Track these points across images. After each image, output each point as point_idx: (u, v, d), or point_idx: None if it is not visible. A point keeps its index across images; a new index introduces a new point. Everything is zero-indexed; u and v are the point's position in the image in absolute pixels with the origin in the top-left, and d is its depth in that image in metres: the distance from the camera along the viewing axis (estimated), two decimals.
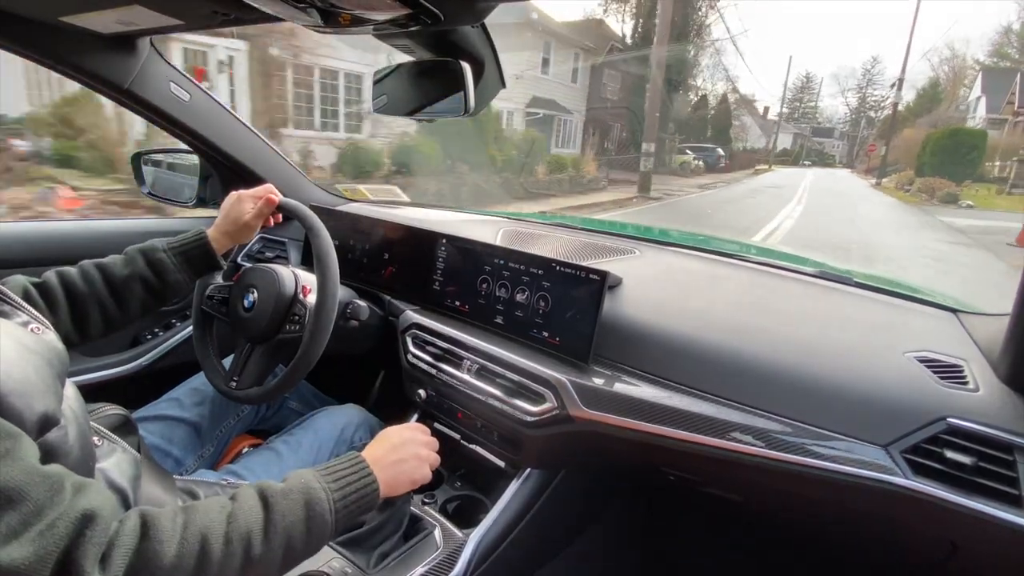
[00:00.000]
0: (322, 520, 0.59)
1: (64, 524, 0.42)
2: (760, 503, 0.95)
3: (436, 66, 0.88)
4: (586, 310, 0.88)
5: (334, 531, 0.61)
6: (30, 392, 0.48)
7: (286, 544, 0.56)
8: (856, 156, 56.49)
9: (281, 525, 0.55)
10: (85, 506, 0.44)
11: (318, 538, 0.59)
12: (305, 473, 0.63)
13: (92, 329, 0.83)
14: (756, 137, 46.63)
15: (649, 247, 1.23)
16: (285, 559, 0.56)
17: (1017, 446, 0.60)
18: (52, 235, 1.33)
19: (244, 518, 0.54)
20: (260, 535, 0.54)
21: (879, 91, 60.90)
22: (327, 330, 0.94)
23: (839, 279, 1.02)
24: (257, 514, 0.55)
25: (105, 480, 0.65)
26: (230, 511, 0.54)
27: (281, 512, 0.56)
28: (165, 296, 0.90)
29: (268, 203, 0.99)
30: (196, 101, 1.27)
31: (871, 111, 62.24)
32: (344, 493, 0.63)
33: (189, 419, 1.04)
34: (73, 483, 0.46)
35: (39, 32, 0.98)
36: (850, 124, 66.33)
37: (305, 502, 0.59)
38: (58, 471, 0.46)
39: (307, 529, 0.58)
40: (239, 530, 0.52)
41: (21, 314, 0.59)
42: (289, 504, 0.57)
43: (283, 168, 1.49)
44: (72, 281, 0.82)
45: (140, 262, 0.87)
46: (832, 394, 0.71)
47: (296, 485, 0.60)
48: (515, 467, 0.98)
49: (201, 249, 0.92)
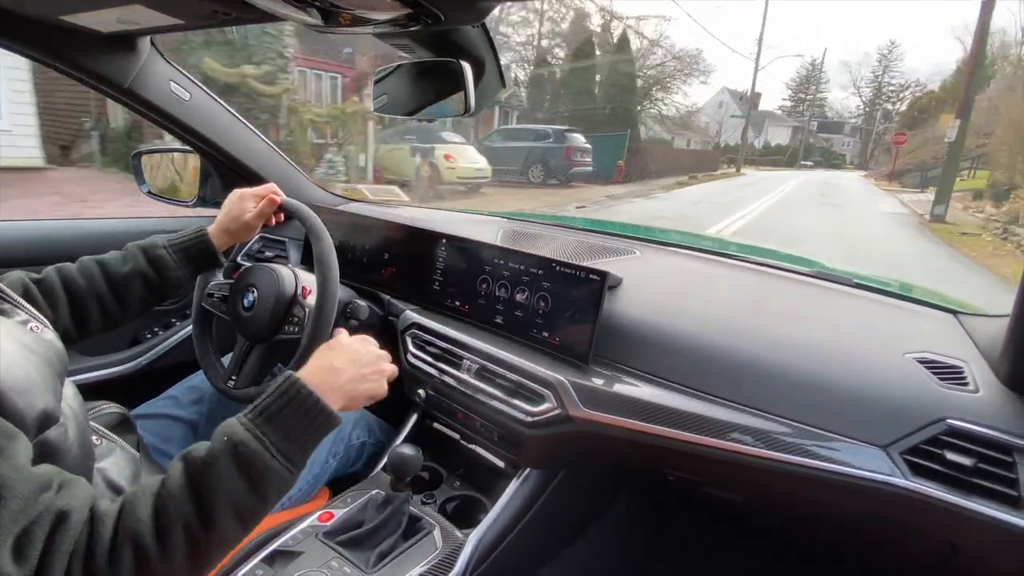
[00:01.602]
0: (263, 467, 0.54)
1: (41, 525, 0.43)
2: (760, 504, 0.95)
3: (436, 66, 0.88)
4: (586, 310, 0.88)
5: (290, 469, 0.57)
6: (30, 390, 0.48)
7: (234, 512, 0.52)
8: (871, 155, 47.36)
9: (219, 500, 0.51)
10: (61, 505, 0.44)
11: (271, 484, 0.55)
12: (231, 426, 0.57)
13: (91, 325, 0.83)
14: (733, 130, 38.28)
15: (649, 247, 1.23)
16: (240, 520, 0.53)
17: (1017, 447, 0.60)
18: (52, 235, 1.33)
19: (175, 508, 0.50)
20: (196, 518, 0.50)
21: (897, 79, 51.06)
22: (326, 332, 0.93)
23: (839, 280, 1.02)
24: (185, 498, 0.51)
25: (103, 479, 0.65)
26: (155, 507, 0.50)
27: (211, 487, 0.52)
28: (165, 293, 0.89)
29: (270, 203, 0.98)
30: (196, 100, 1.27)
31: (888, 102, 51.77)
32: (286, 430, 0.58)
33: (186, 417, 1.04)
34: (60, 480, 0.46)
35: (40, 31, 0.98)
36: (864, 118, 55.29)
37: (238, 465, 0.54)
38: (47, 469, 0.46)
39: (252, 487, 0.53)
40: (173, 523, 0.49)
41: (21, 313, 0.59)
42: (218, 476, 0.52)
43: (283, 167, 1.49)
44: (72, 277, 0.82)
45: (140, 258, 0.87)
46: (832, 395, 0.71)
47: (222, 448, 0.54)
48: (515, 467, 0.98)
49: (201, 246, 0.92)
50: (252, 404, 0.60)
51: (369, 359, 0.74)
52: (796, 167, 39.81)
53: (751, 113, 49.44)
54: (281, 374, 0.64)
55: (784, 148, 45.28)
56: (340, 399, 0.66)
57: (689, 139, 34.22)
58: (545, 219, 1.58)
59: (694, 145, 33.43)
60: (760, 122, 47.22)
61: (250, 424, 0.57)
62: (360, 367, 0.71)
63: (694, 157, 25.03)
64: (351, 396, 0.68)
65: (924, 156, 18.40)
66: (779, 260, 1.15)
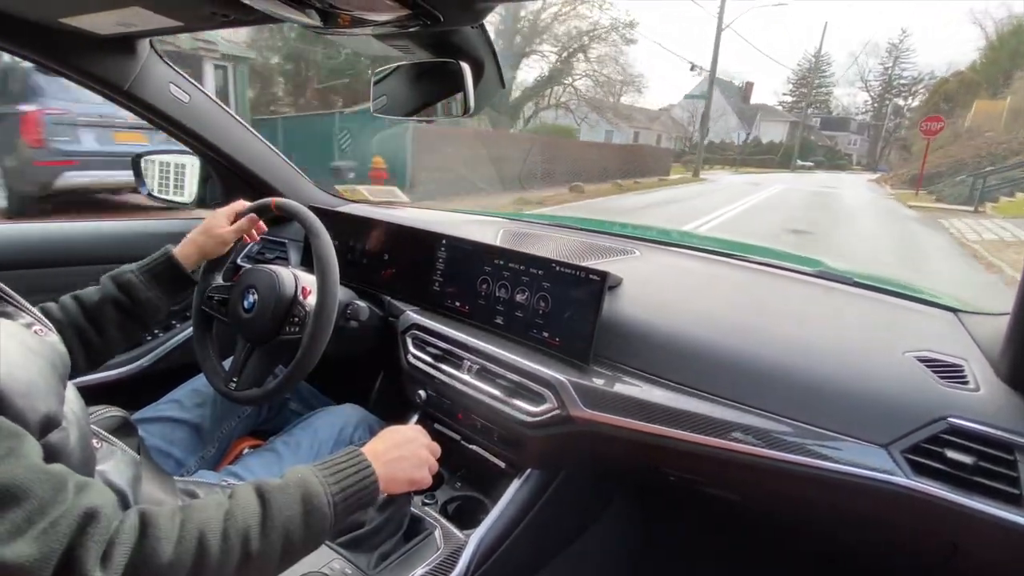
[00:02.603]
0: (320, 514, 0.59)
1: (67, 522, 0.43)
2: (760, 503, 0.95)
3: (436, 67, 0.88)
4: (586, 310, 0.88)
5: (333, 526, 0.61)
6: (33, 393, 0.48)
7: (284, 539, 0.55)
8: (882, 155, 39.65)
9: (279, 520, 0.55)
10: (87, 504, 0.45)
11: (317, 533, 0.59)
12: (302, 468, 0.62)
13: (75, 358, 0.82)
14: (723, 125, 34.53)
15: (649, 247, 1.23)
16: (284, 554, 0.56)
17: (1018, 445, 0.60)
18: (52, 235, 1.33)
19: (241, 514, 0.54)
20: (258, 530, 0.54)
21: (910, 71, 43.77)
22: (327, 333, 0.94)
23: (839, 279, 1.02)
24: (254, 509, 0.55)
25: (104, 481, 0.65)
26: (227, 508, 0.54)
27: (278, 507, 0.56)
28: (141, 317, 0.91)
29: (250, 220, 1.01)
30: (196, 103, 1.27)
31: (900, 97, 44.66)
32: (343, 487, 0.63)
33: (190, 420, 1.04)
34: (76, 482, 0.46)
35: (39, 33, 0.98)
36: (873, 114, 48.02)
37: (302, 496, 0.58)
38: (61, 470, 0.46)
39: (305, 523, 0.57)
40: (236, 526, 0.52)
41: (24, 315, 0.59)
42: (286, 499, 0.57)
43: (282, 169, 1.49)
44: (50, 312, 0.83)
45: (110, 285, 0.89)
46: (832, 394, 0.71)
47: (293, 480, 0.60)
48: (515, 467, 0.98)
49: (165, 265, 0.93)
50: (323, 461, 0.65)
51: (423, 456, 0.77)
52: (792, 168, 32.30)
53: (742, 107, 41.63)
54: (348, 447, 0.70)
55: (777, 146, 37.27)
56: (386, 480, 0.70)
57: (660, 134, 29.97)
58: (545, 219, 1.59)
59: (666, 142, 29.46)
60: (751, 116, 41.17)
61: (319, 473, 0.62)
62: (404, 450, 0.75)
63: (625, 156, 17.89)
64: (392, 473, 0.72)
65: (961, 154, 12.71)
66: (779, 259, 1.15)
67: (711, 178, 20.89)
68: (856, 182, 23.61)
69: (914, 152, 19.81)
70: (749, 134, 38.74)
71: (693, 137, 31.50)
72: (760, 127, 41.29)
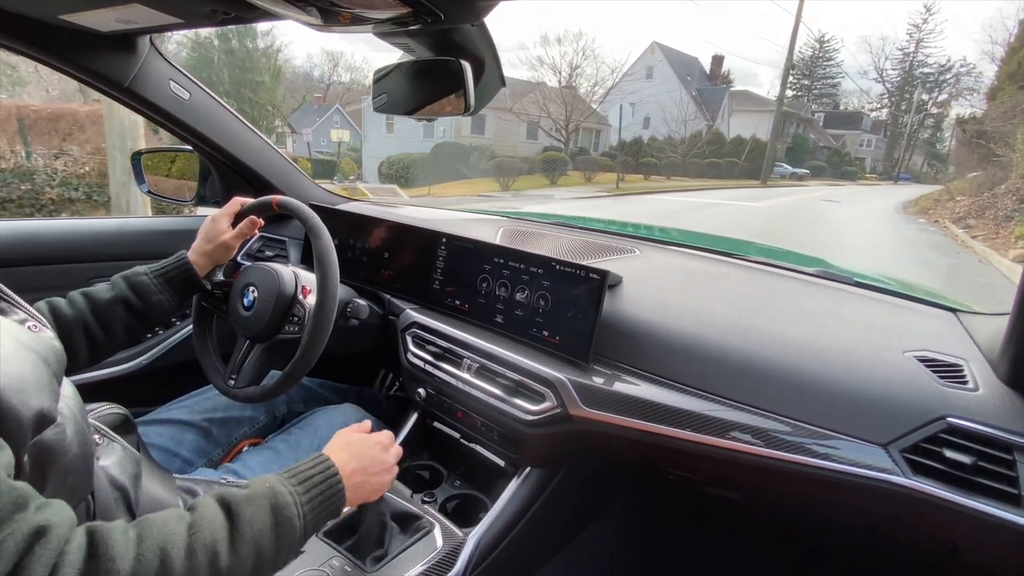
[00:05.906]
0: (291, 526, 0.57)
1: (15, 540, 0.40)
2: (760, 503, 0.95)
3: (436, 65, 0.88)
4: (586, 309, 0.88)
5: (303, 537, 0.59)
6: (26, 389, 0.48)
7: (255, 553, 0.53)
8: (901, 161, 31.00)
9: (249, 533, 0.53)
10: (40, 521, 0.42)
11: (288, 545, 0.57)
12: (269, 477, 0.60)
13: (78, 355, 0.83)
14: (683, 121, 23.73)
15: (649, 246, 1.23)
16: (254, 569, 0.53)
17: (1017, 445, 0.60)
18: (53, 235, 1.33)
19: (208, 528, 0.51)
20: (226, 544, 0.51)
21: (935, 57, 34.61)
22: (326, 332, 0.93)
23: (839, 279, 1.02)
24: (221, 523, 0.52)
25: (106, 477, 0.65)
26: (190, 521, 0.51)
27: (247, 519, 0.53)
28: (149, 318, 0.91)
29: (251, 222, 1.01)
30: (196, 100, 1.27)
31: (926, 92, 35.65)
32: (311, 496, 0.61)
33: (200, 424, 1.04)
34: (39, 503, 0.44)
35: (39, 30, 0.97)
36: (891, 109, 39.88)
37: (272, 507, 0.56)
38: (24, 488, 0.44)
39: (276, 536, 0.55)
40: (202, 541, 0.50)
41: (19, 311, 0.59)
42: (254, 510, 0.55)
43: (282, 166, 1.49)
44: (59, 307, 0.83)
45: (122, 285, 0.89)
46: (832, 393, 0.71)
47: (260, 490, 0.57)
48: (515, 466, 0.98)
49: (181, 270, 0.94)
50: (288, 469, 0.63)
51: (384, 464, 0.76)
52: (764, 182, 20.32)
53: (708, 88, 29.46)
54: (313, 453, 0.67)
55: (742, 146, 24.71)
56: (351, 489, 0.69)
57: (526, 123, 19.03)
58: (545, 218, 1.58)
59: (604, 146, 19.77)
60: (715, 101, 28.24)
61: (287, 482, 0.60)
62: (365, 460, 0.74)
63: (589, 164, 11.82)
64: (357, 484, 0.71)
65: None
66: (780, 259, 1.15)
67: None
68: (873, 205, 14.49)
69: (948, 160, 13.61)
70: (710, 126, 26.88)
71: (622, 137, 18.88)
72: (730, 119, 29.67)
